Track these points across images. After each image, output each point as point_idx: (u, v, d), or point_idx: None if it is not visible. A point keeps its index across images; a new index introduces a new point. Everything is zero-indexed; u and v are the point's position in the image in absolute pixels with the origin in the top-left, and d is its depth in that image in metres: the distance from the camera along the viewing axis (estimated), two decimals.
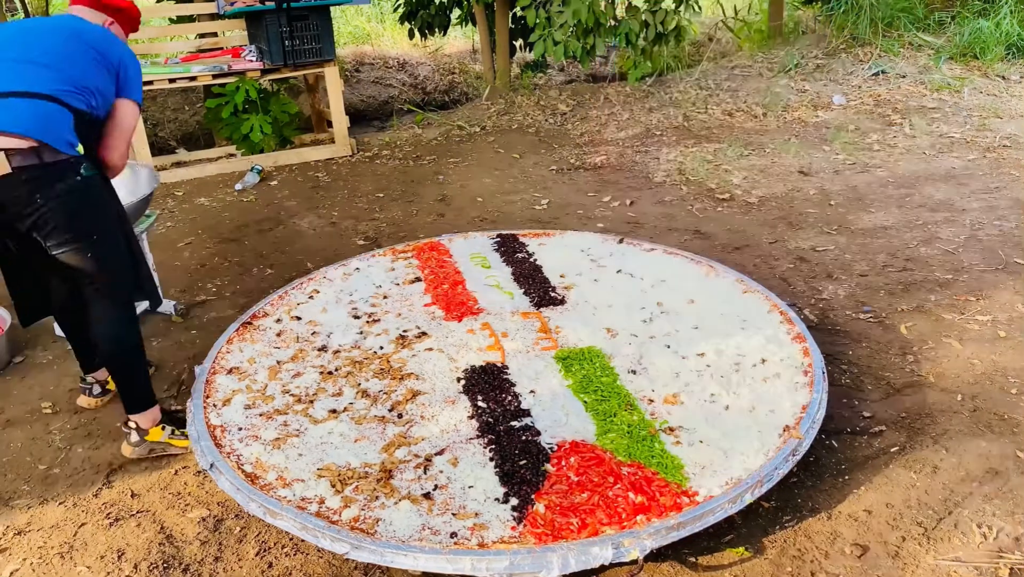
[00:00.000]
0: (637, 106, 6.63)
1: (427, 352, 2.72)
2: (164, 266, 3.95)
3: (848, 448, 2.42)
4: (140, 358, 2.49)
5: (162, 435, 2.49)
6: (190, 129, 7.34)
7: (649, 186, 4.94)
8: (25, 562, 2.11)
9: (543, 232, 3.74)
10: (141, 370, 2.50)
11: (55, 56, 2.24)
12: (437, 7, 7.68)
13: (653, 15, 6.26)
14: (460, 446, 2.22)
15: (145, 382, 2.51)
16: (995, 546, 2.00)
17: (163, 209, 4.88)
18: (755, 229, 4.18)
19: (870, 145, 5.50)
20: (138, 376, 2.48)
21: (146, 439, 2.48)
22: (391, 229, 4.42)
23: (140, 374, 2.49)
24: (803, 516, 2.14)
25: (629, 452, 2.14)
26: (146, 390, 2.50)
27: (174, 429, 2.51)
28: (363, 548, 1.86)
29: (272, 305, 3.10)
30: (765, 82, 6.97)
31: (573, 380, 2.50)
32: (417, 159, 5.79)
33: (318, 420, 2.38)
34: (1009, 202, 4.32)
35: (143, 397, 2.48)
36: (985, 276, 3.49)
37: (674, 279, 3.17)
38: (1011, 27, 7.18)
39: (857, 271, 3.62)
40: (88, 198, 2.29)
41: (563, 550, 1.81)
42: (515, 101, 6.92)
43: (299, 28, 5.32)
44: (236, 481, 2.10)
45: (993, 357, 2.86)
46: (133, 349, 2.45)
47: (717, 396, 2.40)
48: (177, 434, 2.50)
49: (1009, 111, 6.00)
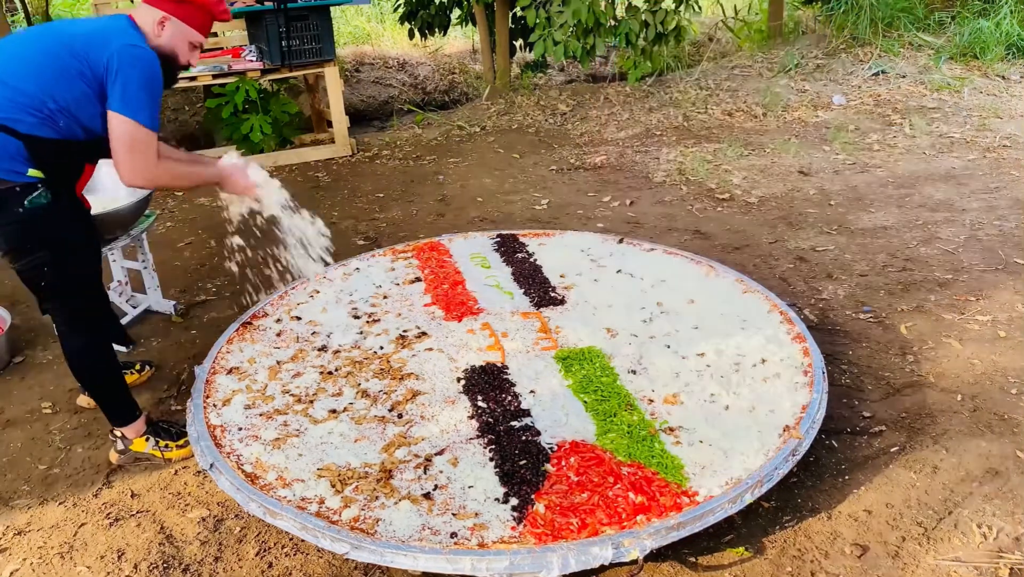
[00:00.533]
0: (637, 106, 6.63)
1: (427, 352, 2.72)
2: (164, 266, 3.95)
3: (848, 448, 2.42)
4: (108, 377, 2.41)
5: (146, 447, 2.48)
6: (190, 129, 7.34)
7: (649, 186, 4.94)
8: (25, 562, 2.11)
9: (543, 232, 3.74)
10: (113, 388, 2.44)
11: (11, 73, 2.07)
12: (437, 7, 7.68)
13: (653, 15, 6.26)
14: (460, 446, 2.22)
15: (119, 399, 2.46)
16: (995, 546, 2.00)
17: (163, 209, 4.88)
18: (755, 229, 4.17)
19: (870, 145, 5.50)
20: (110, 395, 2.44)
21: (131, 448, 2.48)
22: (391, 229, 4.42)
23: (112, 392, 2.44)
24: (803, 516, 2.14)
25: (629, 452, 2.14)
26: (122, 406, 2.46)
27: (158, 440, 2.49)
28: (363, 548, 1.86)
29: (272, 305, 3.10)
30: (765, 82, 6.97)
31: (573, 380, 2.50)
32: (417, 159, 5.79)
33: (318, 420, 2.38)
34: (1009, 202, 4.32)
35: (121, 413, 2.46)
36: (985, 276, 3.49)
37: (674, 279, 3.17)
38: (1011, 27, 7.18)
39: (857, 271, 3.62)
40: (30, 230, 2.14)
41: (563, 550, 1.81)
42: (515, 101, 6.92)
43: (299, 28, 5.32)
44: (236, 481, 2.10)
45: (993, 357, 2.86)
46: (97, 369, 2.39)
47: (717, 396, 2.40)
48: (161, 446, 2.48)
49: (1009, 111, 6.00)
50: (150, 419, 2.54)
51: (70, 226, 2.23)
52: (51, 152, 2.13)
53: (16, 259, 2.19)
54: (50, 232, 2.18)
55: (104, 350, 2.39)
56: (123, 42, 2.11)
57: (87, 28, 2.17)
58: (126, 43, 2.11)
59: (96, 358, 2.37)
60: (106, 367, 2.40)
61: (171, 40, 2.23)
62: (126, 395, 2.48)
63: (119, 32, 2.15)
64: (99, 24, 2.21)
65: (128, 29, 2.18)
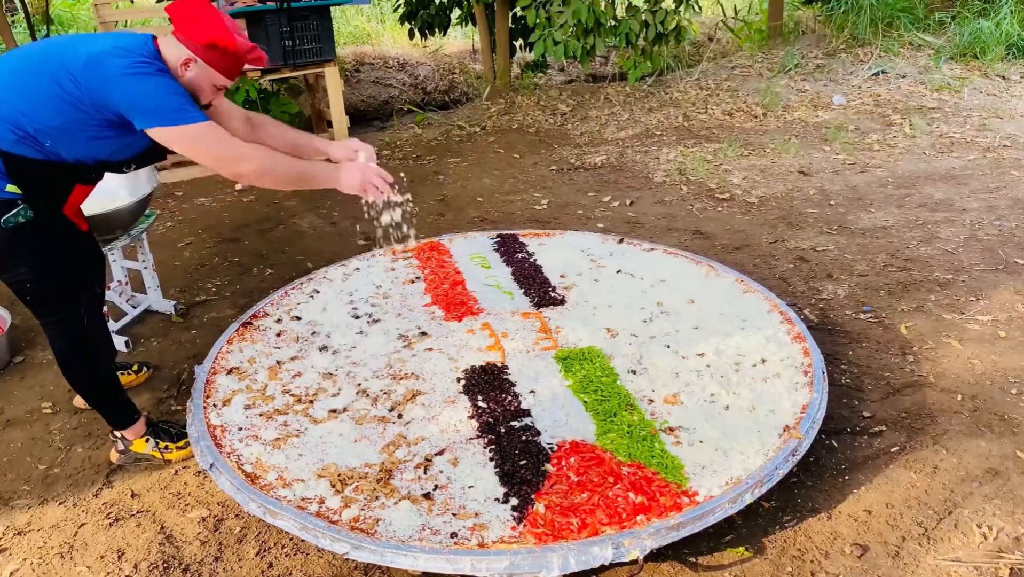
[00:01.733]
0: (637, 106, 6.64)
1: (427, 352, 2.72)
2: (164, 266, 3.95)
3: (848, 448, 2.42)
4: (101, 384, 2.39)
5: (145, 448, 2.47)
6: None
7: (649, 186, 4.94)
8: (25, 562, 2.11)
9: (543, 232, 3.74)
10: (107, 394, 2.41)
11: (2, 88, 1.99)
12: (437, 7, 7.68)
13: (653, 15, 6.26)
14: (460, 446, 2.22)
15: (115, 404, 2.43)
16: (995, 546, 2.00)
17: (163, 209, 4.88)
18: (755, 229, 4.18)
19: (870, 145, 5.50)
20: (105, 400, 2.42)
21: (131, 449, 2.48)
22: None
23: (107, 398, 2.42)
24: (803, 516, 2.14)
25: (629, 452, 2.14)
26: (120, 410, 2.44)
27: (158, 441, 2.48)
28: (363, 548, 1.86)
29: (272, 305, 3.10)
30: (765, 82, 6.97)
31: (573, 380, 2.50)
32: (417, 159, 5.79)
33: (318, 420, 2.38)
34: (1009, 202, 4.32)
35: (119, 416, 2.44)
36: (985, 276, 3.49)
37: (674, 279, 3.17)
38: (1011, 27, 7.19)
39: (857, 271, 3.62)
40: (9, 246, 2.07)
41: (563, 550, 1.81)
42: (515, 101, 6.92)
43: (299, 28, 5.33)
44: (236, 481, 2.10)
45: (993, 357, 2.86)
46: (89, 378, 2.36)
47: (717, 396, 2.40)
48: (161, 447, 2.48)
49: (1009, 111, 6.00)
50: (150, 420, 2.54)
51: (52, 246, 2.15)
52: (32, 171, 2.04)
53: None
54: (29, 250, 2.10)
55: (93, 359, 2.33)
56: (123, 65, 1.95)
57: (73, 49, 2.00)
58: (125, 65, 1.95)
59: (85, 367, 2.33)
60: (96, 375, 2.36)
61: (193, 81, 2.11)
62: (122, 399, 2.46)
63: (124, 53, 1.98)
64: (77, 43, 2.03)
65: (140, 52, 2.02)
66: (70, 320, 2.27)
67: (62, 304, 2.24)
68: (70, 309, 2.25)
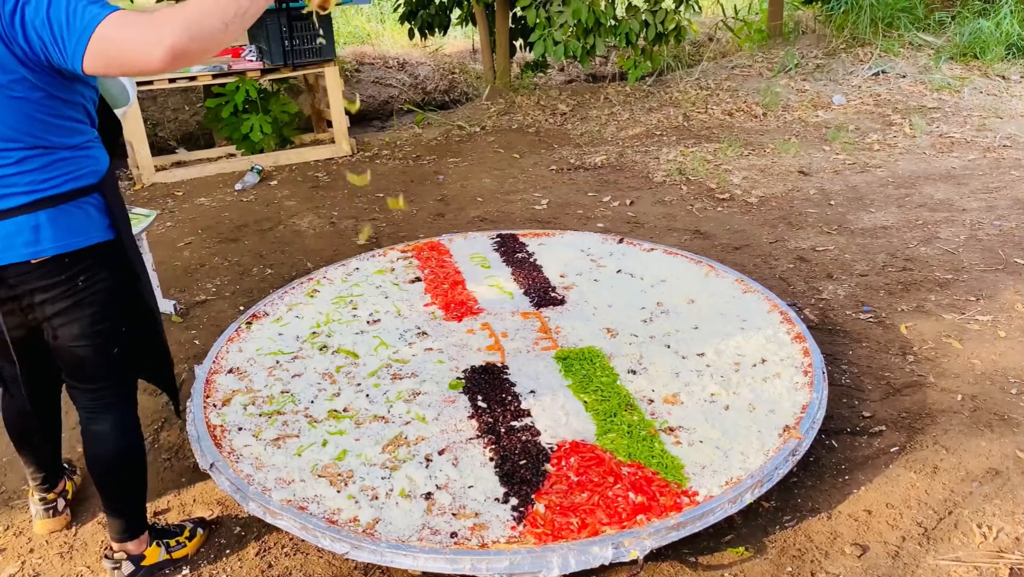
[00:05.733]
0: (637, 106, 6.64)
1: (427, 352, 2.72)
2: (164, 266, 3.95)
3: (848, 448, 2.42)
4: (144, 478, 2.03)
5: (160, 552, 2.02)
6: (190, 129, 7.34)
7: (649, 186, 4.93)
8: (25, 562, 2.11)
9: (543, 232, 3.74)
10: (143, 491, 2.03)
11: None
12: (437, 7, 7.68)
13: (653, 15, 6.26)
14: (460, 446, 2.22)
15: (144, 501, 2.02)
16: (995, 546, 2.00)
17: (163, 209, 4.88)
18: (755, 229, 4.17)
19: (870, 145, 5.49)
20: (140, 499, 2.01)
21: (144, 564, 2.00)
22: (391, 229, 4.42)
23: (142, 495, 2.02)
24: (803, 516, 2.14)
25: (629, 452, 2.14)
26: (143, 510, 2.02)
27: (167, 543, 2.05)
28: (363, 548, 1.86)
29: (272, 305, 3.10)
30: (765, 82, 6.97)
31: (573, 380, 2.50)
32: (417, 159, 5.79)
33: (318, 420, 2.37)
34: (1009, 202, 4.32)
35: (141, 519, 2.01)
36: (985, 276, 3.49)
37: (674, 279, 3.17)
38: (1011, 27, 7.19)
39: (857, 271, 3.62)
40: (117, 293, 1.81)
41: (563, 550, 1.81)
42: (515, 101, 6.92)
43: (299, 28, 5.32)
44: (236, 481, 2.10)
45: (993, 357, 2.86)
46: (142, 470, 2.01)
47: (717, 396, 2.40)
48: (172, 546, 2.05)
49: (1009, 111, 6.00)
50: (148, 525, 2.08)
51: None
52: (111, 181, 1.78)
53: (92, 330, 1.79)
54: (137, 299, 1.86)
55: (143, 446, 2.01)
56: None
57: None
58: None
59: (141, 456, 1.99)
60: (145, 465, 2.03)
61: None
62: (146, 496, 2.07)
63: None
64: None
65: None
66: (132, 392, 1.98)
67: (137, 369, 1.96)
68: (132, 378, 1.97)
